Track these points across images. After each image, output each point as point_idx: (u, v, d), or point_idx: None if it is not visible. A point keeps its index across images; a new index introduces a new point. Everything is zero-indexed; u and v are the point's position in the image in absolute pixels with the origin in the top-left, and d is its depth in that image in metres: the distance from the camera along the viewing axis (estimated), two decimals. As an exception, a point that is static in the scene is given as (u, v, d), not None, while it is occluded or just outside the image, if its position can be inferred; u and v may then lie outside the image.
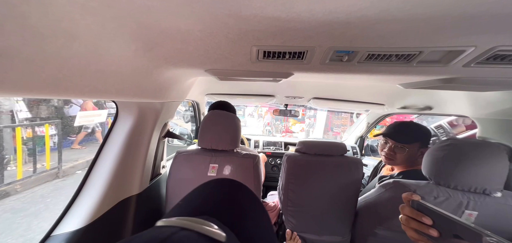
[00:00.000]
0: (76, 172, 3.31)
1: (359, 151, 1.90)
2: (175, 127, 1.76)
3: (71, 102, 3.98)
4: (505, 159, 0.63)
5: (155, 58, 0.60)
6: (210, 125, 0.85)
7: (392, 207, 0.76)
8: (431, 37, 0.41)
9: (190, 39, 0.51)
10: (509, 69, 0.47)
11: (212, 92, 1.52)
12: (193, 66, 0.71)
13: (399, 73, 0.59)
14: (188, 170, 0.86)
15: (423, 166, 0.73)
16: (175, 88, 0.90)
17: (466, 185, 0.64)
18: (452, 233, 0.31)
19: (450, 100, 0.98)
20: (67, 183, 2.98)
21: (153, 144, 0.92)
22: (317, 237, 1.04)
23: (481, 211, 0.63)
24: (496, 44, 0.40)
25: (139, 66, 0.58)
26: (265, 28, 0.44)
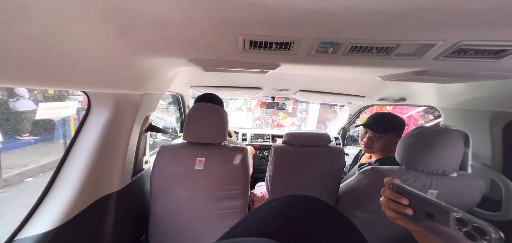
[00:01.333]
0: (24, 179, 2.51)
1: (342, 141, 2.02)
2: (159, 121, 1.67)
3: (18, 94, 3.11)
4: (462, 144, 0.73)
5: (131, 45, 0.54)
6: (196, 118, 0.82)
7: (370, 192, 0.83)
8: (407, 31, 0.43)
9: (170, 25, 0.47)
10: (470, 62, 0.53)
11: (197, 84, 1.46)
12: (175, 55, 0.66)
13: (379, 65, 0.62)
14: (174, 164, 0.82)
15: (396, 153, 0.81)
16: (155, 79, 0.84)
17: (430, 168, 0.72)
18: (424, 211, 0.35)
19: (420, 92, 1.07)
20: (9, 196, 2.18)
21: (134, 138, 0.86)
22: None
23: (441, 189, 0.72)
24: (460, 39, 0.44)
25: (114, 53, 0.53)
26: (251, 16, 0.42)
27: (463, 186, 0.73)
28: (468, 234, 0.29)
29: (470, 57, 0.50)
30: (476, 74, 0.60)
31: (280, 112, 7.02)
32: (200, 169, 0.82)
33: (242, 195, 0.88)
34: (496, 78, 0.62)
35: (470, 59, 0.51)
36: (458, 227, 0.30)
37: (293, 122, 6.51)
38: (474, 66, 0.55)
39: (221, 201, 0.86)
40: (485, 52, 0.48)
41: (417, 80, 0.72)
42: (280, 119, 6.69)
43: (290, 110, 6.98)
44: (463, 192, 0.74)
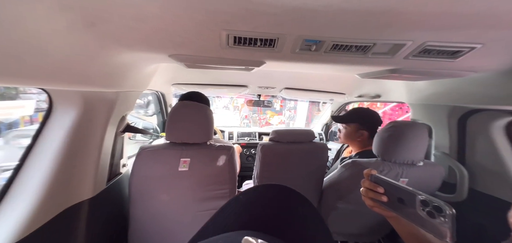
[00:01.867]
0: None
1: (325, 137, 2.12)
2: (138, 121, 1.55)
3: None
4: (426, 137, 0.82)
5: (100, 37, 0.49)
6: (179, 117, 0.78)
7: (351, 183, 0.88)
8: (382, 31, 0.46)
9: (146, 17, 0.44)
10: (433, 62, 0.59)
11: (179, 82, 1.39)
12: (154, 50, 0.62)
13: (358, 63, 0.66)
14: (156, 166, 0.77)
15: (373, 146, 0.87)
16: (132, 76, 0.78)
17: (401, 159, 0.80)
18: (396, 197, 0.39)
19: (393, 89, 1.17)
20: None
21: (109, 140, 0.79)
22: None
23: (410, 177, 0.81)
24: (425, 40, 0.49)
25: (78, 46, 0.47)
26: (234, 10, 0.41)
27: (428, 173, 0.83)
28: (430, 213, 0.33)
29: (433, 57, 0.56)
30: (437, 72, 0.68)
31: (267, 110, 7.01)
32: (185, 170, 0.79)
33: (230, 194, 0.87)
34: (452, 76, 0.71)
35: (433, 59, 0.57)
36: (422, 208, 0.35)
37: (281, 120, 6.56)
38: (436, 65, 0.62)
39: (208, 201, 0.84)
40: (445, 53, 0.54)
41: (390, 78, 0.78)
42: (268, 118, 6.70)
43: (277, 108, 7.04)
44: (428, 178, 0.83)
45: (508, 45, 0.50)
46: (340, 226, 1.04)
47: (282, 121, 6.48)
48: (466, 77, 0.71)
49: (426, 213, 0.34)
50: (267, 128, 2.30)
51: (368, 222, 1.00)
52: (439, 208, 0.33)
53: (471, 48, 0.51)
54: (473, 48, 0.51)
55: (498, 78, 0.65)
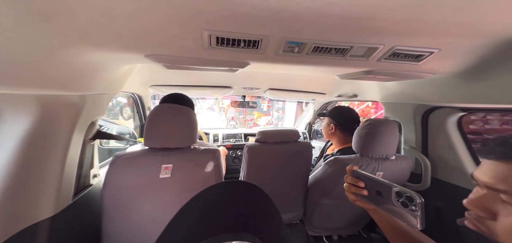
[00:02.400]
0: None
1: (309, 136, 2.20)
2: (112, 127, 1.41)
3: None
4: (397, 132, 0.91)
5: (60, 34, 0.43)
6: (159, 120, 0.73)
7: (334, 179, 0.93)
8: (358, 34, 0.50)
9: (117, 14, 0.40)
10: (401, 64, 0.65)
11: (158, 83, 1.30)
12: (128, 49, 0.57)
13: (337, 65, 0.69)
14: (133, 175, 0.71)
15: (353, 143, 0.93)
16: (102, 77, 0.70)
17: (377, 154, 0.87)
18: (375, 190, 0.42)
19: (368, 89, 1.27)
20: None
21: (75, 149, 0.70)
22: None
23: (385, 171, 0.88)
24: (394, 44, 0.54)
25: (32, 43, 0.41)
26: (216, 10, 0.40)
27: (399, 166, 0.91)
28: (403, 203, 0.37)
29: (401, 60, 0.62)
30: (404, 74, 0.75)
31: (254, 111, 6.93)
32: (167, 177, 0.74)
33: None
34: (416, 77, 0.80)
35: (401, 61, 0.63)
36: (397, 199, 0.38)
37: (269, 121, 6.54)
38: (403, 67, 0.68)
39: None
40: (410, 56, 0.61)
41: (366, 79, 0.84)
42: (255, 119, 6.64)
43: (265, 109, 7.03)
44: (399, 170, 0.92)
45: (459, 51, 0.58)
46: (324, 221, 1.09)
47: (269, 121, 6.46)
48: (427, 78, 0.81)
49: (400, 203, 0.37)
50: (253, 129, 2.30)
51: (349, 215, 1.06)
52: (410, 198, 0.36)
53: (430, 52, 0.58)
54: (432, 53, 0.58)
55: (452, 79, 0.75)
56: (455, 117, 0.94)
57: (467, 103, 0.78)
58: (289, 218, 1.15)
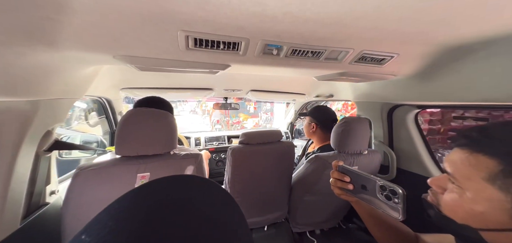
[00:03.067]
0: None
1: (291, 135, 2.27)
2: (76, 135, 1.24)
3: None
4: (368, 128, 0.99)
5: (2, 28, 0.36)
6: (133, 126, 0.66)
7: (315, 176, 0.97)
8: (331, 39, 0.53)
9: (74, 9, 0.35)
10: (368, 67, 0.72)
11: (131, 86, 1.19)
12: (91, 49, 0.51)
13: (313, 67, 0.73)
14: (103, 188, 0.63)
15: (331, 141, 0.99)
16: (60, 80, 0.62)
17: (353, 149, 0.94)
18: (360, 184, 0.44)
19: (342, 89, 1.37)
20: None
21: (25, 163, 0.60)
22: (261, 218, 1.14)
23: (359, 165, 0.96)
24: (362, 49, 0.60)
25: None
26: (192, 11, 0.39)
27: (371, 159, 1.00)
28: (387, 196, 0.39)
29: (368, 63, 0.69)
30: (372, 76, 0.83)
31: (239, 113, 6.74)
32: None
33: None
34: (381, 79, 0.89)
35: (368, 64, 0.70)
36: (381, 192, 0.40)
37: (257, 123, 6.41)
38: (370, 69, 0.76)
39: None
40: (375, 60, 0.67)
41: (340, 80, 0.91)
42: (242, 121, 6.47)
43: (251, 111, 6.93)
44: (371, 164, 1.01)
45: (414, 56, 0.67)
46: (307, 217, 1.13)
47: (257, 124, 6.35)
48: (390, 80, 0.91)
49: (384, 196, 0.39)
50: (236, 131, 2.28)
51: (330, 209, 1.13)
52: (393, 191, 0.38)
53: (391, 56, 0.65)
54: (392, 57, 0.66)
55: (409, 80, 0.86)
56: (412, 114, 1.08)
57: (421, 101, 0.91)
58: (274, 217, 1.16)
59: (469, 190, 0.29)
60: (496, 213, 0.26)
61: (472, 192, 0.28)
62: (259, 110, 6.65)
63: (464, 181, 0.29)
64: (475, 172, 0.28)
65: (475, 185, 0.28)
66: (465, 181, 0.29)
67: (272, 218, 1.16)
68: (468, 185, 0.29)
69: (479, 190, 0.28)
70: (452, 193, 0.31)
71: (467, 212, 0.29)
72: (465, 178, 0.29)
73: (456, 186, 0.31)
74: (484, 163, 0.27)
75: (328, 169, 0.91)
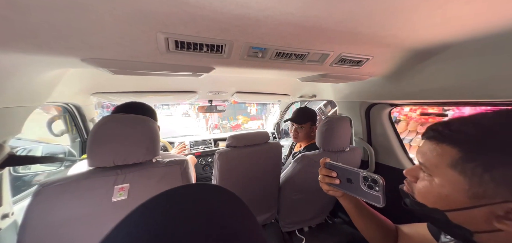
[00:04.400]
0: None
1: (277, 135, 2.30)
2: (37, 146, 1.08)
3: None
4: (349, 127, 1.05)
5: None
6: (108, 133, 0.59)
7: (302, 174, 1.00)
8: (312, 42, 0.55)
9: (30, 5, 0.31)
10: (347, 68, 0.77)
11: (104, 90, 1.09)
12: (53, 51, 0.45)
13: (297, 69, 0.75)
14: (72, 205, 0.55)
15: (316, 139, 1.03)
16: (14, 86, 0.54)
17: (336, 147, 0.99)
18: (346, 178, 0.46)
19: (324, 90, 1.44)
20: None
21: None
22: None
23: (342, 161, 0.98)
24: (341, 51, 0.63)
25: None
26: (172, 11, 0.37)
27: (352, 156, 1.06)
28: (369, 186, 0.42)
29: (347, 65, 0.73)
30: (351, 77, 0.89)
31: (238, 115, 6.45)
32: (122, 198, 0.61)
33: None
34: (359, 79, 0.96)
35: (347, 66, 0.74)
36: (364, 182, 0.43)
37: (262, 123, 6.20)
38: (349, 71, 0.80)
39: None
40: (353, 61, 0.72)
41: (322, 81, 0.95)
42: (241, 123, 6.19)
43: (253, 112, 6.71)
44: (352, 160, 1.07)
45: (386, 59, 0.73)
46: (296, 215, 1.15)
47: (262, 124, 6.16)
48: (367, 80, 0.98)
49: (366, 186, 0.42)
50: (223, 134, 2.23)
51: (317, 206, 1.17)
52: (374, 180, 0.41)
53: (367, 58, 0.70)
54: (368, 59, 0.71)
55: (383, 81, 0.93)
56: (386, 111, 1.17)
57: (393, 100, 0.99)
58: (265, 219, 1.16)
59: (437, 177, 0.32)
60: (458, 195, 0.30)
61: (439, 178, 0.32)
62: (262, 111, 6.46)
63: (433, 169, 0.33)
64: (441, 160, 0.32)
65: (442, 171, 0.31)
66: (434, 168, 0.33)
67: (262, 220, 1.16)
68: (436, 172, 0.32)
69: (444, 175, 0.31)
70: (423, 181, 0.35)
71: (436, 196, 0.32)
72: (433, 166, 0.33)
73: (426, 174, 0.34)
74: (448, 151, 0.31)
75: (315, 167, 0.94)
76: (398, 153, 1.12)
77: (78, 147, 1.29)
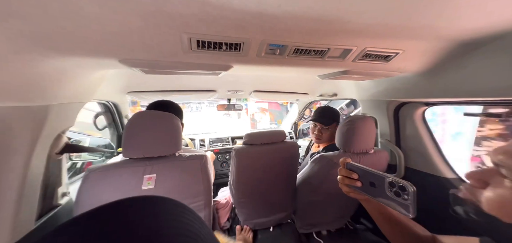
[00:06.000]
0: None
1: (295, 135, 2.26)
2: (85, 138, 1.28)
3: None
4: (374, 127, 0.97)
5: (11, 38, 0.38)
6: (138, 129, 0.68)
7: (320, 176, 0.96)
8: (333, 37, 0.53)
9: (81, 16, 0.37)
10: (373, 64, 0.71)
11: (136, 89, 1.22)
12: (98, 54, 0.53)
13: (317, 66, 0.73)
14: (111, 189, 0.65)
15: (336, 140, 0.98)
16: (69, 85, 0.64)
17: (358, 149, 0.92)
18: (369, 181, 0.43)
19: (346, 88, 1.36)
20: None
21: (38, 166, 0.63)
22: (267, 219, 1.13)
23: (365, 164, 0.92)
24: (366, 46, 0.59)
25: None
26: (194, 13, 0.40)
27: (377, 158, 0.98)
28: (396, 193, 0.38)
29: (372, 60, 0.68)
30: (376, 73, 0.82)
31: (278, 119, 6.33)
32: (150, 187, 0.69)
33: (205, 206, 0.81)
34: (386, 76, 0.88)
35: (373, 62, 0.69)
36: (390, 189, 0.39)
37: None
38: (375, 67, 0.75)
39: None
40: (380, 57, 0.66)
41: (343, 78, 0.90)
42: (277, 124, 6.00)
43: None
44: (378, 164, 0.99)
45: (419, 52, 0.65)
46: (313, 218, 1.12)
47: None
48: (396, 77, 0.89)
49: (393, 193, 0.38)
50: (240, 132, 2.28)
51: (337, 209, 1.11)
52: (403, 187, 0.37)
53: (396, 53, 0.64)
54: (397, 53, 0.64)
55: (416, 77, 0.84)
56: (420, 111, 1.05)
57: (428, 98, 0.88)
58: (280, 218, 1.16)
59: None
60: None
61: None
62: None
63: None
64: None
65: None
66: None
67: (278, 219, 1.15)
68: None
69: None
70: (500, 189, 0.28)
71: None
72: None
73: (509, 180, 0.27)
74: None
75: (334, 168, 0.90)
76: (434, 158, 1.00)
77: (115, 140, 1.47)
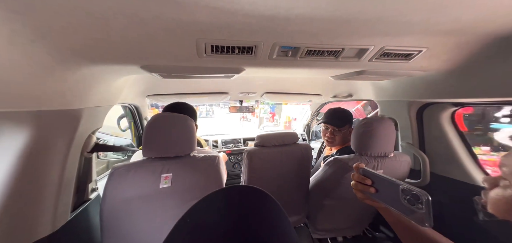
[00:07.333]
0: None
1: (307, 137, 2.21)
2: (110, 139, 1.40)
3: None
4: (394, 130, 0.91)
5: (54, 51, 0.44)
6: (156, 130, 0.73)
7: (335, 179, 0.93)
8: (348, 37, 0.52)
9: (111, 27, 0.41)
10: (391, 63, 0.67)
11: (155, 93, 1.31)
12: (123, 61, 0.58)
13: (330, 67, 0.71)
14: (132, 186, 0.70)
15: (351, 143, 0.94)
16: (98, 90, 0.71)
17: (376, 152, 0.88)
18: (383, 188, 0.41)
19: (362, 88, 1.29)
20: None
21: (72, 163, 0.70)
22: None
23: (385, 169, 0.89)
24: (384, 45, 0.56)
25: (27, 60, 0.41)
26: (209, 20, 0.42)
27: (398, 163, 0.92)
28: (410, 201, 0.36)
29: (391, 59, 0.64)
30: (396, 72, 0.77)
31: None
32: (167, 186, 0.73)
33: None
34: (408, 75, 0.82)
35: (391, 61, 0.65)
36: (403, 197, 0.37)
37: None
38: (394, 66, 0.70)
39: None
40: (400, 55, 0.63)
41: (359, 79, 0.86)
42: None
43: None
44: (398, 168, 0.93)
45: (446, 49, 0.60)
46: (328, 223, 1.08)
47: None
48: (418, 76, 0.83)
49: (407, 201, 0.36)
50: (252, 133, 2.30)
51: (353, 215, 1.06)
52: (416, 196, 0.35)
53: (419, 51, 0.60)
54: (420, 51, 0.60)
55: (442, 76, 0.77)
56: (448, 112, 0.96)
57: (458, 98, 0.80)
58: (293, 222, 1.14)
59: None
60: None
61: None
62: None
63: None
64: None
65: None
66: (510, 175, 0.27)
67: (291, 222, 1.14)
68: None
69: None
70: (497, 188, 0.30)
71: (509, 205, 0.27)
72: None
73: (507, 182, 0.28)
74: None
75: (349, 172, 0.86)
76: (465, 163, 0.90)
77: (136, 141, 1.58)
